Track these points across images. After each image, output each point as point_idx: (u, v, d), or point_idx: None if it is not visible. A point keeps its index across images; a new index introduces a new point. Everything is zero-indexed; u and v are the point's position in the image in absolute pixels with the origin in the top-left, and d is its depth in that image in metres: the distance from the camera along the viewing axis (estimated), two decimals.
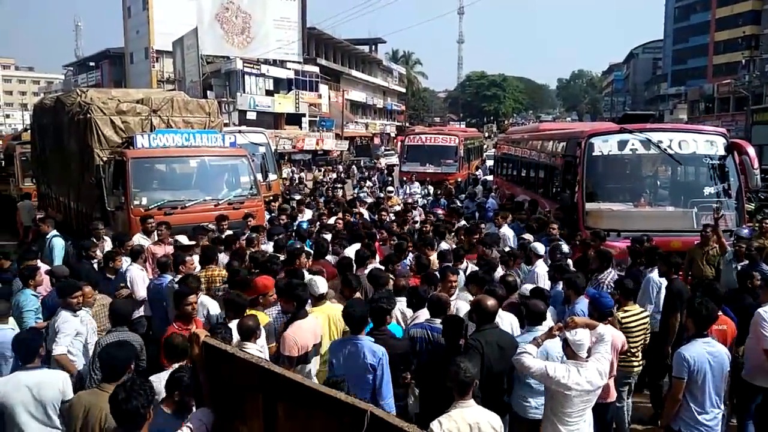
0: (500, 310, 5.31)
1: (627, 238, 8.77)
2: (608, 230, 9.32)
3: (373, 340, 4.43)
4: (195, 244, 8.04)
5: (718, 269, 8.25)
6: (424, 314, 5.27)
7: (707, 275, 8.16)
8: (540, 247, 7.59)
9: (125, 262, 7.50)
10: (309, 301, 5.32)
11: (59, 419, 4.02)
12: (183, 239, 8.04)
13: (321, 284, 5.33)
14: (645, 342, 5.86)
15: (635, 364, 5.78)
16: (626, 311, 5.77)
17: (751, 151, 9.88)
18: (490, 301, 4.73)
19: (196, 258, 7.29)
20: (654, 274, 6.92)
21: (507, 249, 8.30)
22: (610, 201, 10.05)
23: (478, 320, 4.71)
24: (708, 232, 8.47)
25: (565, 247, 8.00)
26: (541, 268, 7.36)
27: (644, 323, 5.84)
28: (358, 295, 5.79)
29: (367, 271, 6.61)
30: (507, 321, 5.29)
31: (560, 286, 6.41)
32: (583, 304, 5.70)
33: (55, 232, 9.30)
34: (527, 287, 5.91)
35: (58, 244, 8.95)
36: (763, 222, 9.59)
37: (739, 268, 7.58)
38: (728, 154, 9.85)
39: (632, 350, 5.63)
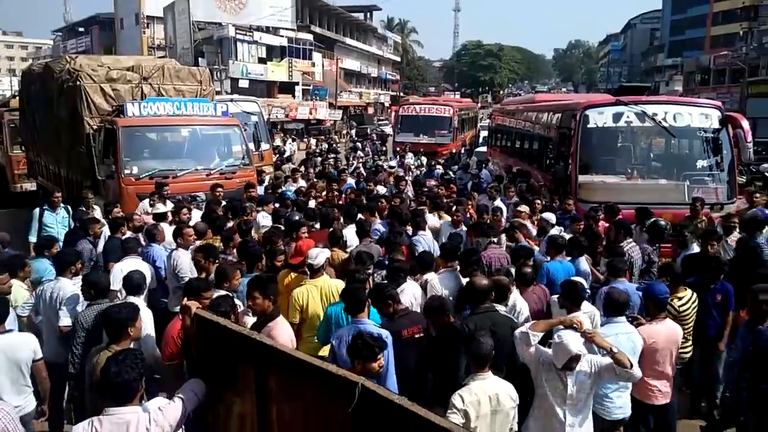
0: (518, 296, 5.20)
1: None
2: (600, 203, 9.35)
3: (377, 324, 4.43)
4: (167, 212, 8.10)
5: None
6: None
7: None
8: (552, 217, 7.58)
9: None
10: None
11: (30, 378, 4.31)
12: (160, 207, 8.09)
13: (320, 256, 5.27)
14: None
15: (687, 350, 5.52)
16: (680, 297, 5.50)
17: (745, 124, 9.89)
18: (483, 281, 4.57)
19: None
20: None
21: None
22: (603, 173, 10.05)
23: (472, 302, 4.58)
24: (697, 205, 8.50)
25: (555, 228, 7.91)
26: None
27: (695, 308, 5.55)
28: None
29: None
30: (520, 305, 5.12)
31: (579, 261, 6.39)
32: (620, 284, 5.50)
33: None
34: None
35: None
36: (753, 195, 9.64)
37: (728, 241, 7.62)
38: (722, 127, 9.85)
39: (684, 337, 5.26)
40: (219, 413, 3.13)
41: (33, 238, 8.71)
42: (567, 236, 6.96)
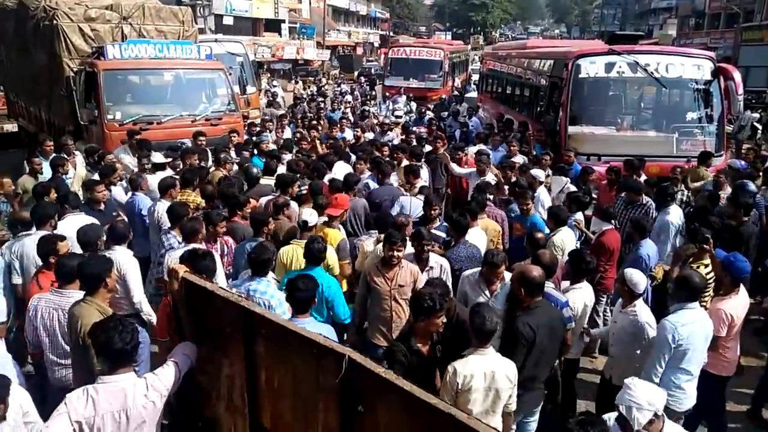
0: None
1: (607, 162, 8.82)
2: (589, 154, 9.38)
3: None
4: (169, 162, 7.95)
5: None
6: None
7: None
8: (540, 173, 7.56)
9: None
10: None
11: None
12: (158, 157, 7.96)
13: (312, 216, 5.19)
14: None
15: None
16: (706, 265, 5.27)
17: (736, 76, 9.83)
18: (536, 272, 4.01)
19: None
20: (671, 216, 6.51)
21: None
22: (593, 124, 9.98)
23: (526, 295, 3.97)
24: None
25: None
26: (544, 194, 7.32)
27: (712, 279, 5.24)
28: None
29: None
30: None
31: (577, 215, 6.43)
32: (648, 247, 5.51)
33: None
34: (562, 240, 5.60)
35: None
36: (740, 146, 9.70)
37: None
38: (714, 78, 9.78)
39: None
40: (209, 373, 3.19)
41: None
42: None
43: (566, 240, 5.79)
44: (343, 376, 2.33)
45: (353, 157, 8.56)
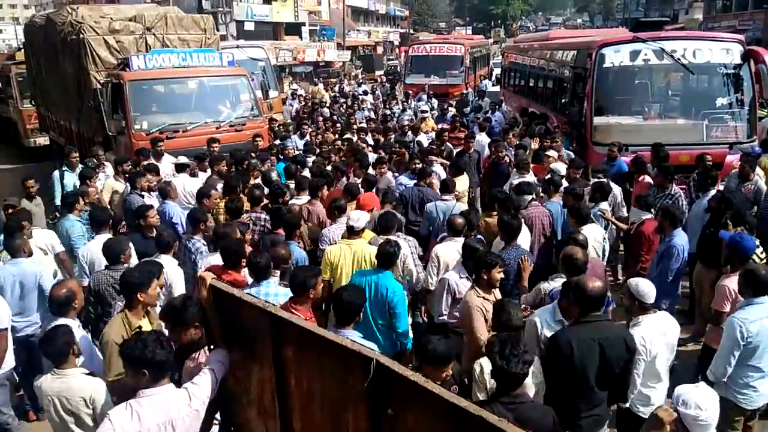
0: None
1: (634, 153, 8.65)
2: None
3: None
4: (187, 164, 8.14)
5: None
6: None
7: None
8: (562, 168, 7.46)
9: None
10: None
11: None
12: (181, 158, 8.20)
13: (361, 219, 5.13)
14: None
15: None
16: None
17: None
18: (597, 284, 3.61)
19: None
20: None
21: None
22: (619, 114, 9.82)
23: (582, 308, 3.62)
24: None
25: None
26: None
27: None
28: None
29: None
30: None
31: (602, 205, 6.43)
32: (680, 237, 5.38)
33: None
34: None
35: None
36: None
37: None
38: (744, 62, 9.51)
39: None
40: (239, 378, 3.22)
41: (58, 202, 8.74)
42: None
43: (591, 236, 5.51)
44: (372, 380, 2.34)
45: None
